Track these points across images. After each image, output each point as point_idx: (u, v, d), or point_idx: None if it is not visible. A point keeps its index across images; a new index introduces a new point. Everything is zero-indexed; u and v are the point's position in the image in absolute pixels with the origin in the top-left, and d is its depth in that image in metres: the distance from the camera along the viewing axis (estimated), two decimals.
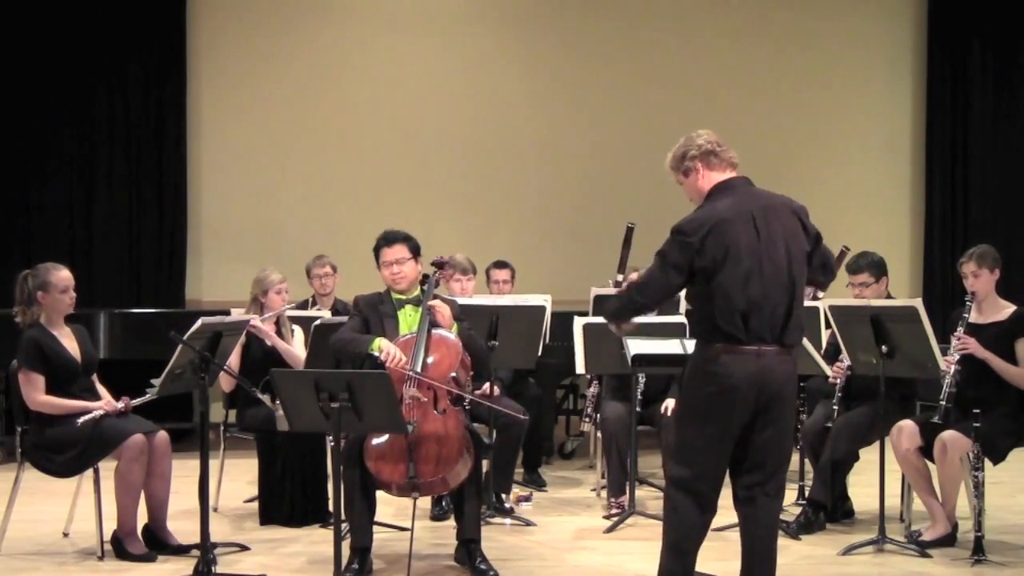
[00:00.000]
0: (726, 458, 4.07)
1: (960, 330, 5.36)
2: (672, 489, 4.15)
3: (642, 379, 6.18)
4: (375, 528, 5.05)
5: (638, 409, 6.13)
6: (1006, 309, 5.47)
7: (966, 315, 5.41)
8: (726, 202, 4.05)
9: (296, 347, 6.14)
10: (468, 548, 4.96)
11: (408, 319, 5.18)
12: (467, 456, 4.79)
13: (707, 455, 4.04)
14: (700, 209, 4.11)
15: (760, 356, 3.96)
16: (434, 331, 5.04)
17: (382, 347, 4.95)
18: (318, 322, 6.11)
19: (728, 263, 3.95)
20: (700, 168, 4.13)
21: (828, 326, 5.99)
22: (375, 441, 4.78)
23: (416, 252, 5.23)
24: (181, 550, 5.23)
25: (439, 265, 5.27)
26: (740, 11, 9.60)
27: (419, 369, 4.88)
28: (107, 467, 5.23)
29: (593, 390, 6.64)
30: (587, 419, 6.86)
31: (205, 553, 4.79)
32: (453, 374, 4.98)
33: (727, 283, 3.95)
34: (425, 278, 5.20)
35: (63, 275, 5.30)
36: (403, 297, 5.23)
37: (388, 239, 5.22)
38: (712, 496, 4.09)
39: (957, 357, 5.29)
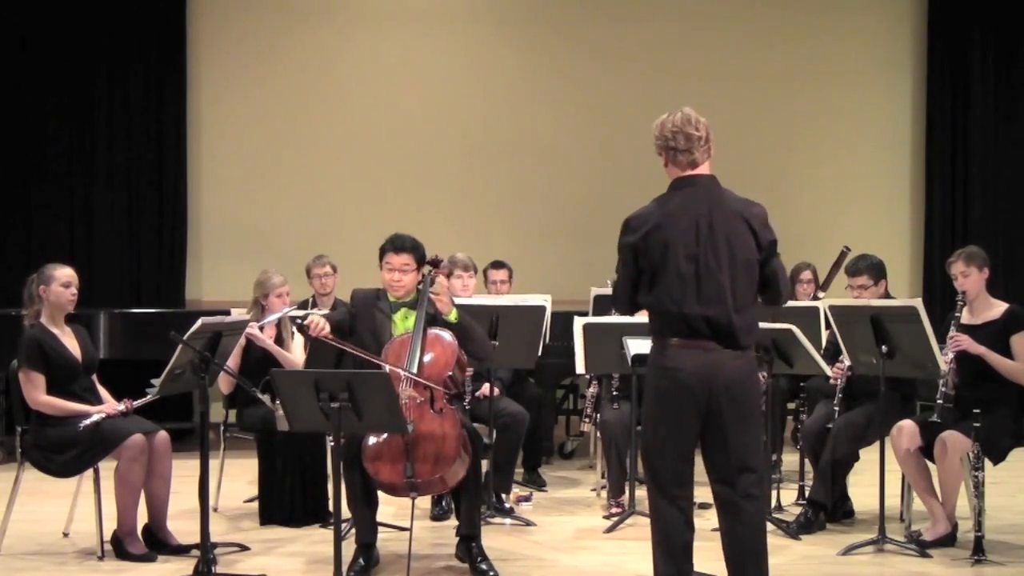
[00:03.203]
0: (688, 455, 4.03)
1: (953, 329, 5.36)
2: (649, 491, 4.13)
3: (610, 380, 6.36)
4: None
5: (609, 407, 6.21)
6: (998, 307, 5.48)
7: (958, 315, 5.43)
8: (676, 201, 4.02)
9: (296, 348, 6.14)
10: (468, 545, 4.97)
11: (403, 321, 5.17)
12: (465, 455, 4.79)
13: (667, 452, 4.01)
14: (653, 201, 4.09)
15: (708, 351, 3.94)
16: (430, 330, 5.04)
17: (311, 317, 4.99)
18: None
19: (668, 263, 3.95)
20: (664, 158, 4.11)
21: (828, 326, 6.00)
22: (371, 441, 4.78)
23: (421, 262, 5.17)
24: (181, 550, 5.23)
25: (435, 264, 5.24)
26: (744, 7, 9.60)
27: (415, 369, 4.88)
28: (107, 467, 5.23)
29: (593, 390, 6.65)
30: (587, 419, 6.86)
31: (205, 553, 4.79)
32: (449, 373, 4.98)
33: (667, 283, 3.96)
34: (423, 278, 5.18)
35: (65, 271, 5.32)
36: (398, 300, 5.22)
37: (396, 246, 5.14)
38: (682, 494, 4.04)
39: (951, 356, 5.29)
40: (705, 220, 3.96)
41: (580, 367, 6.06)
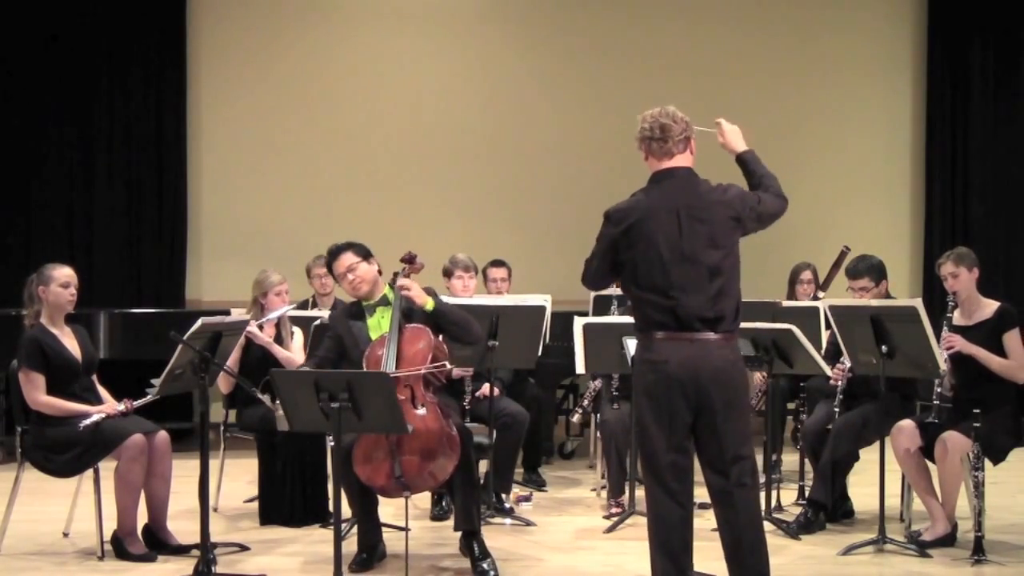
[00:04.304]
0: (683, 447, 4.04)
1: (945, 330, 5.37)
2: (647, 486, 4.14)
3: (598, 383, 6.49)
4: None
5: (609, 407, 6.20)
6: (989, 307, 5.48)
7: (949, 315, 5.44)
8: (656, 193, 4.11)
9: (295, 349, 6.13)
10: (469, 541, 4.98)
11: (381, 322, 5.16)
12: (449, 448, 4.77)
13: (660, 446, 4.02)
14: (633, 196, 4.17)
15: (693, 342, 3.98)
16: (407, 327, 5.02)
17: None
18: (318, 322, 6.12)
19: (651, 256, 4.02)
20: (644, 152, 4.18)
21: (828, 326, 5.99)
22: (359, 447, 4.78)
23: (366, 255, 5.18)
24: (181, 550, 5.23)
25: (409, 261, 5.21)
26: (746, 4, 9.60)
27: (393, 367, 4.87)
28: (107, 467, 5.23)
29: (597, 383, 6.62)
30: (579, 409, 6.85)
31: (205, 553, 4.79)
32: (428, 368, 4.94)
33: (650, 275, 4.03)
34: (395, 276, 5.16)
35: (64, 271, 5.32)
36: (371, 302, 5.20)
37: (332, 253, 5.21)
38: (681, 489, 4.05)
39: (945, 356, 5.29)
40: (685, 211, 4.04)
41: (580, 367, 6.05)
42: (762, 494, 5.65)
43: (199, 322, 4.90)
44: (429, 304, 5.08)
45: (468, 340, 5.24)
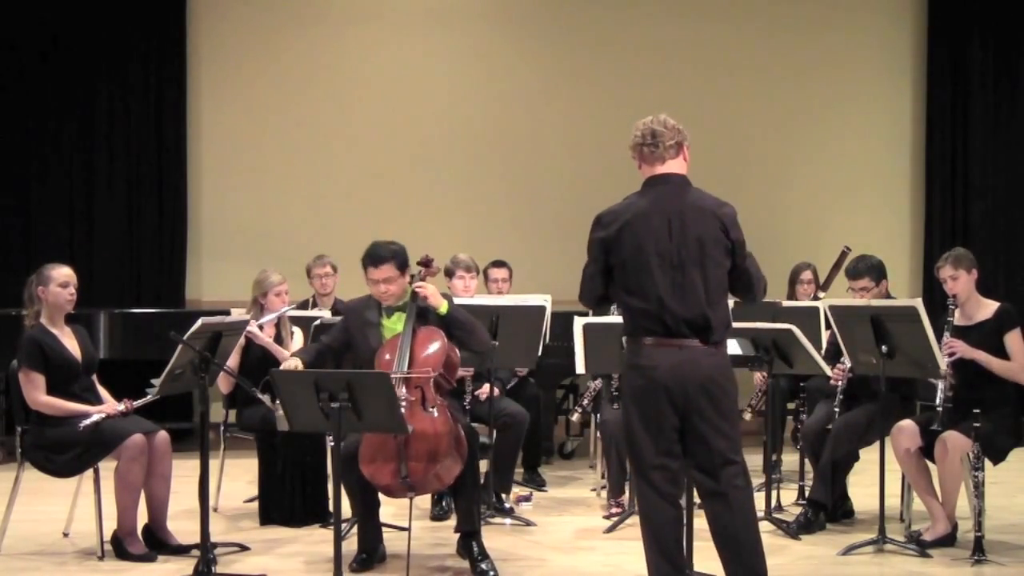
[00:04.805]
0: (673, 450, 4.04)
1: (946, 334, 5.36)
2: (638, 487, 4.15)
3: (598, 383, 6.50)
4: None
5: (609, 407, 6.17)
6: (989, 307, 5.48)
7: (950, 318, 5.43)
8: (648, 198, 4.11)
9: (295, 347, 6.12)
10: (468, 542, 4.98)
11: (396, 325, 5.15)
12: (457, 451, 4.78)
13: (649, 450, 4.03)
14: (625, 199, 4.17)
15: (682, 348, 3.99)
16: (420, 329, 5.03)
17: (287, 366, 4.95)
18: (318, 322, 6.12)
19: (640, 260, 4.02)
20: (637, 160, 4.19)
21: (828, 326, 5.99)
22: (366, 446, 4.79)
23: (403, 267, 5.12)
24: (181, 550, 5.23)
25: (426, 264, 5.22)
26: (747, 3, 9.59)
27: (405, 368, 4.88)
28: (107, 467, 5.23)
29: (597, 383, 6.61)
30: (579, 409, 6.85)
31: (205, 553, 4.79)
32: (441, 371, 4.96)
33: (640, 280, 4.02)
34: (412, 278, 5.16)
35: (63, 271, 5.32)
36: (391, 306, 5.19)
37: (374, 259, 5.07)
38: (672, 491, 4.07)
39: (947, 361, 5.28)
40: (677, 217, 4.04)
41: (580, 367, 6.05)
42: (763, 494, 5.71)
43: (199, 322, 4.90)
44: (443, 307, 5.09)
45: (473, 346, 5.25)
